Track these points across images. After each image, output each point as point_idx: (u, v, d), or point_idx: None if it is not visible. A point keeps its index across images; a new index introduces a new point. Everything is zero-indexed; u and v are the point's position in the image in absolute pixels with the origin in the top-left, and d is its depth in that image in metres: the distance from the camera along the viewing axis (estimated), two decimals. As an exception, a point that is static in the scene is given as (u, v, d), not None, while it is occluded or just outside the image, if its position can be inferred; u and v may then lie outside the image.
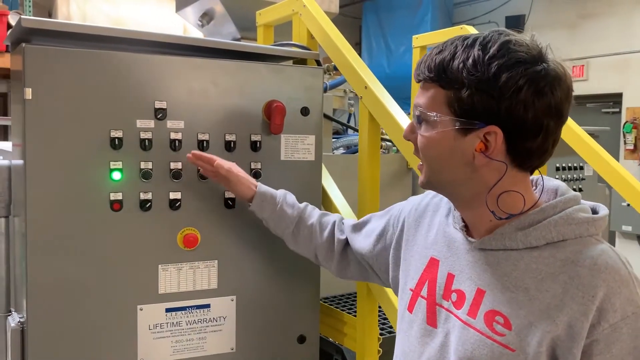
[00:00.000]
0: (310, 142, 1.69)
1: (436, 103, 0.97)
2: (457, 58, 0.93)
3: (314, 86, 1.69)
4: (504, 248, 0.98)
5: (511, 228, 0.98)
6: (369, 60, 7.59)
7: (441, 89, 0.96)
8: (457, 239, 1.07)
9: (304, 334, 1.71)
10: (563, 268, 0.93)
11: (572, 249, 0.94)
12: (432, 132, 0.98)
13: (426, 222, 1.18)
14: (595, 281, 0.90)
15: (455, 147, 0.96)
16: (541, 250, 0.96)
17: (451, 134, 0.96)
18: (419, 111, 1.00)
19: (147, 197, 1.50)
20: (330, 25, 1.77)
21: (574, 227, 0.95)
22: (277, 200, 1.50)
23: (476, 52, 0.92)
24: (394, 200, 1.43)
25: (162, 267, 1.54)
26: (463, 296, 1.02)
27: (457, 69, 0.93)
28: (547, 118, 0.92)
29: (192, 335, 1.58)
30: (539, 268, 0.95)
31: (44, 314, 1.43)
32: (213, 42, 1.66)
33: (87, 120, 1.43)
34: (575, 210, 0.97)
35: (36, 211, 1.41)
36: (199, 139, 1.55)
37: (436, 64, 0.95)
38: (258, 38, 2.11)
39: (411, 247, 1.19)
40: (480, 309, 0.98)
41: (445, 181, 1.02)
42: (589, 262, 0.92)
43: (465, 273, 1.03)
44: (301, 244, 1.50)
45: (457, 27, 2.35)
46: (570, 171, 3.58)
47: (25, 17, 1.35)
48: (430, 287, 1.08)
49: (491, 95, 0.91)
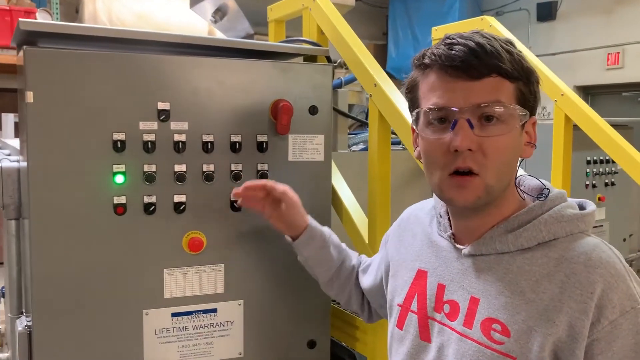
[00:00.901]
0: (319, 142, 1.64)
1: (509, 97, 0.91)
2: (504, 49, 0.91)
3: (322, 84, 1.64)
4: (495, 252, 0.95)
5: (500, 231, 0.95)
6: (395, 51, 7.48)
7: (508, 81, 0.91)
8: (444, 247, 1.03)
9: (314, 338, 1.67)
10: (558, 267, 0.90)
11: (564, 246, 0.92)
12: (507, 131, 0.91)
13: (409, 234, 1.14)
14: (592, 277, 0.87)
15: (519, 143, 0.95)
16: (533, 251, 0.93)
17: (517, 129, 0.93)
18: (496, 109, 0.90)
19: (151, 200, 1.47)
20: (340, 20, 1.72)
21: (564, 225, 0.93)
22: (326, 241, 1.38)
23: (506, 44, 0.92)
24: (412, 199, 1.37)
25: (168, 272, 1.51)
26: (456, 307, 0.97)
27: (518, 59, 0.92)
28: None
29: (198, 340, 1.55)
30: (532, 269, 0.92)
31: (49, 319, 1.42)
32: (219, 41, 1.62)
33: (89, 123, 1.41)
34: (563, 207, 0.94)
35: (39, 216, 1.40)
36: (204, 140, 1.51)
37: (490, 53, 0.89)
38: (269, 33, 2.06)
39: (397, 262, 1.15)
40: (475, 318, 0.94)
41: (503, 188, 0.96)
42: (584, 257, 0.89)
43: (457, 282, 0.99)
44: (336, 288, 1.42)
45: (478, 18, 2.26)
46: (601, 164, 3.45)
47: (24, 20, 1.33)
48: (420, 301, 1.03)
49: (537, 84, 0.95)
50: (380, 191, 1.59)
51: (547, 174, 2.19)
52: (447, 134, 0.91)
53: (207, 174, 1.51)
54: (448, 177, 0.92)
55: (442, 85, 0.92)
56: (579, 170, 3.29)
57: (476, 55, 0.88)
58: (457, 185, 0.92)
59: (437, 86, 0.92)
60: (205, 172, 1.51)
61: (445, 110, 0.91)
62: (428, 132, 0.94)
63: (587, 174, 3.37)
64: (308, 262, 1.41)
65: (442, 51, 0.91)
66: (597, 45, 6.79)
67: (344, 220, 1.71)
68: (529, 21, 7.44)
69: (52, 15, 5.79)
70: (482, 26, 2.24)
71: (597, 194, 3.42)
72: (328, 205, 1.67)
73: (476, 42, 0.89)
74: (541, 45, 7.21)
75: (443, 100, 0.91)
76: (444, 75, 0.91)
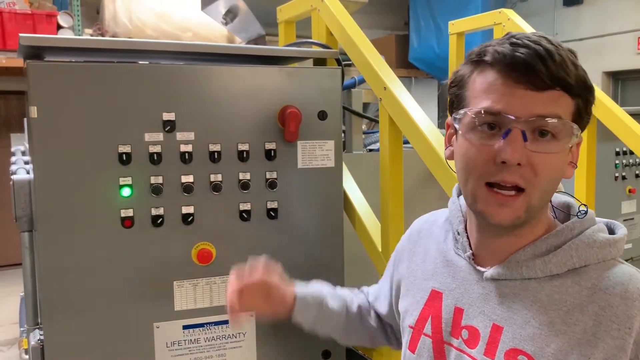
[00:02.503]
0: (329, 148, 1.60)
1: (567, 113, 0.84)
2: (577, 63, 0.84)
3: (331, 88, 1.59)
4: (521, 277, 0.88)
5: (527, 255, 0.88)
6: (417, 41, 7.35)
7: (569, 97, 0.84)
8: (462, 268, 0.95)
9: (328, 348, 1.64)
10: (591, 297, 0.83)
11: (596, 274, 0.85)
12: (560, 149, 0.84)
13: (421, 250, 1.06)
14: (630, 311, 0.80)
15: (565, 162, 0.88)
16: (562, 278, 0.86)
17: (567, 148, 0.86)
18: (555, 124, 0.83)
19: (158, 212, 1.45)
20: (349, 21, 1.67)
21: (597, 251, 0.86)
22: (321, 298, 1.24)
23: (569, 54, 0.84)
24: (430, 199, 1.31)
25: (177, 284, 1.49)
26: (477, 333, 0.91)
27: (582, 75, 0.85)
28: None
29: (211, 352, 1.54)
30: (563, 298, 0.84)
31: (59, 334, 1.41)
32: (225, 48, 1.59)
33: (94, 136, 1.40)
34: (594, 232, 0.87)
35: (47, 230, 1.39)
36: (211, 150, 1.48)
37: (572, 69, 0.83)
38: (279, 35, 2.02)
39: (408, 281, 1.07)
40: (499, 348, 0.87)
41: (542, 208, 0.89)
42: (620, 289, 0.82)
43: (477, 307, 0.92)
44: (354, 336, 1.30)
45: (496, 11, 2.18)
46: (631, 156, 3.32)
47: (24, 35, 1.32)
48: (435, 324, 0.97)
49: (590, 101, 0.87)
50: (393, 198, 1.54)
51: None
52: (495, 141, 0.83)
53: (214, 184, 1.49)
54: (486, 190, 0.85)
55: (500, 89, 0.83)
56: (608, 162, 3.17)
57: (544, 63, 0.80)
58: (497, 202, 0.84)
59: (494, 88, 0.83)
60: (213, 182, 1.49)
61: (501, 116, 0.82)
62: (473, 136, 0.85)
63: (617, 165, 3.24)
64: (316, 327, 1.27)
65: (507, 50, 0.82)
66: (627, 29, 6.56)
67: (357, 227, 1.67)
68: (555, 6, 7.23)
69: (73, 17, 5.86)
70: (501, 20, 2.16)
71: (627, 186, 3.29)
72: (340, 213, 1.63)
73: (545, 48, 0.81)
74: (568, 31, 7.00)
75: (500, 105, 0.82)
76: (505, 78, 0.83)
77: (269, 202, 1.55)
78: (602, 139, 2.19)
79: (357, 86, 2.20)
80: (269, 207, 1.55)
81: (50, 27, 5.41)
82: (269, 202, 1.55)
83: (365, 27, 1.68)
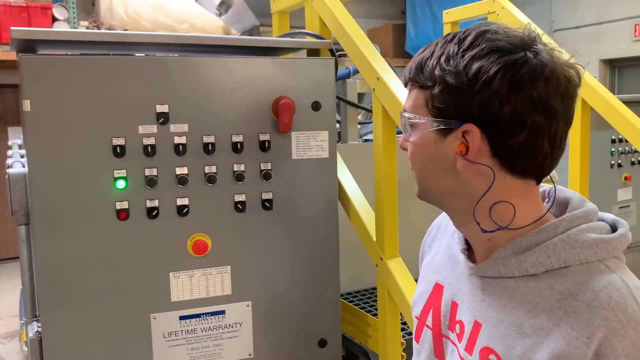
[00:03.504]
0: (324, 139, 1.61)
1: (417, 106, 0.87)
2: (434, 55, 0.84)
3: (325, 78, 1.59)
4: (500, 276, 0.86)
5: (507, 252, 0.85)
6: (414, 30, 7.33)
7: (420, 89, 0.86)
8: (460, 262, 0.95)
9: (324, 337, 1.65)
10: (560, 302, 0.78)
11: (574, 278, 0.79)
12: (415, 137, 0.88)
13: (436, 244, 1.07)
14: (593, 319, 0.74)
15: (437, 152, 0.86)
16: (539, 279, 0.81)
17: (432, 137, 0.85)
18: (402, 116, 0.90)
19: (153, 204, 1.46)
20: (342, 11, 1.66)
21: (578, 251, 0.80)
22: None
23: (452, 46, 0.82)
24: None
25: (174, 275, 1.50)
26: (463, 328, 0.91)
27: (432, 67, 0.83)
28: (530, 113, 0.79)
29: (208, 343, 1.55)
30: (535, 301, 0.81)
31: (57, 326, 1.43)
32: (218, 39, 1.59)
33: (87, 129, 1.40)
34: (580, 231, 0.82)
35: (43, 223, 1.40)
36: (205, 141, 1.49)
37: (415, 65, 0.86)
38: (273, 25, 2.02)
39: (422, 271, 1.08)
40: (476, 344, 0.87)
41: (434, 191, 0.91)
42: (589, 296, 0.76)
43: (466, 302, 0.92)
44: None
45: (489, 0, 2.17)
46: (627, 143, 3.31)
47: (16, 29, 1.32)
48: (435, 316, 0.97)
49: (461, 89, 0.80)
50: (387, 188, 1.55)
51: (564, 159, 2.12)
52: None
53: (209, 175, 1.49)
54: None
55: None
56: (604, 149, 3.17)
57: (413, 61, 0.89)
58: None
59: None
60: (208, 174, 1.49)
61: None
62: None
63: (612, 153, 3.24)
64: None
65: None
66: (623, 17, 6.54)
67: (352, 217, 1.68)
68: (551, -6, 7.21)
69: (68, 10, 5.82)
70: (495, 8, 2.15)
71: (623, 174, 3.30)
72: (335, 203, 1.64)
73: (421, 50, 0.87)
74: (564, 19, 6.98)
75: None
76: None
77: (263, 193, 1.55)
78: (598, 127, 2.20)
79: (352, 76, 2.20)
80: (263, 198, 1.55)
81: (46, 19, 5.38)
82: (263, 193, 1.55)
83: (362, 16, 1.68)
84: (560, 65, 0.80)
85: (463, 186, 0.86)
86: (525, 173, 0.84)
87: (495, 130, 0.80)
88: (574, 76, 0.82)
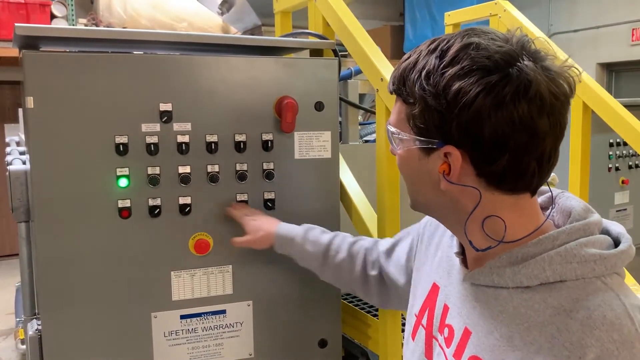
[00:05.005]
0: (326, 139, 1.60)
1: (400, 120, 0.86)
2: (416, 67, 0.81)
3: (328, 78, 1.59)
4: (493, 285, 0.84)
5: (502, 262, 0.83)
6: (412, 32, 7.35)
7: (403, 103, 0.85)
8: (455, 266, 0.95)
9: (325, 337, 1.65)
10: (553, 318, 0.76)
11: (568, 294, 0.77)
12: (401, 151, 0.88)
13: (435, 242, 1.06)
14: (586, 339, 0.73)
15: (421, 168, 0.85)
16: (533, 291, 0.80)
17: (415, 153, 0.85)
18: (387, 129, 0.90)
19: (155, 203, 1.46)
20: (346, 11, 1.66)
21: (575, 267, 0.78)
22: (297, 241, 1.42)
23: (433, 59, 0.80)
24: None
25: (175, 274, 1.50)
26: (452, 333, 0.91)
27: (413, 82, 0.81)
28: (512, 134, 0.76)
29: (208, 342, 1.55)
30: (527, 314, 0.79)
31: (57, 324, 1.42)
32: (221, 38, 1.59)
33: (90, 127, 1.40)
34: (579, 245, 0.79)
35: (44, 221, 1.39)
36: (207, 140, 1.49)
37: (399, 74, 0.84)
38: (275, 25, 2.02)
39: (420, 266, 1.08)
40: (464, 352, 0.86)
41: (424, 205, 0.91)
42: (583, 314, 0.74)
43: (457, 307, 0.91)
44: (332, 280, 1.44)
45: (491, 2, 2.18)
46: (625, 147, 3.33)
47: (20, 25, 1.31)
48: (429, 317, 0.98)
49: (440, 111, 0.78)
50: (389, 188, 1.55)
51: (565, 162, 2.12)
52: None
53: (211, 174, 1.49)
54: None
55: None
56: (602, 153, 3.18)
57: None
58: None
59: None
60: (210, 173, 1.49)
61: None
62: None
63: (610, 156, 3.26)
64: (297, 261, 1.46)
65: None
66: (621, 21, 6.57)
67: (353, 218, 1.68)
68: (549, -3, 7.23)
69: (67, 7, 5.81)
70: (497, 11, 2.16)
71: (621, 177, 3.31)
72: (337, 204, 1.64)
73: (406, 57, 0.85)
74: (563, 22, 7.01)
75: None
76: None
77: (266, 192, 1.55)
78: (596, 131, 2.20)
79: (354, 77, 2.20)
80: (266, 197, 1.55)
81: (44, 16, 5.37)
82: (266, 193, 1.55)
83: (360, 17, 1.68)
84: (547, 81, 0.77)
85: (452, 201, 0.85)
86: (514, 190, 0.82)
87: (476, 152, 0.79)
88: (564, 89, 0.79)
